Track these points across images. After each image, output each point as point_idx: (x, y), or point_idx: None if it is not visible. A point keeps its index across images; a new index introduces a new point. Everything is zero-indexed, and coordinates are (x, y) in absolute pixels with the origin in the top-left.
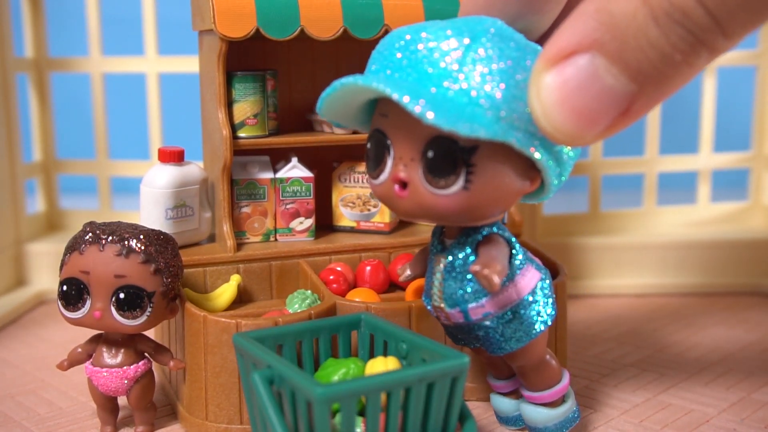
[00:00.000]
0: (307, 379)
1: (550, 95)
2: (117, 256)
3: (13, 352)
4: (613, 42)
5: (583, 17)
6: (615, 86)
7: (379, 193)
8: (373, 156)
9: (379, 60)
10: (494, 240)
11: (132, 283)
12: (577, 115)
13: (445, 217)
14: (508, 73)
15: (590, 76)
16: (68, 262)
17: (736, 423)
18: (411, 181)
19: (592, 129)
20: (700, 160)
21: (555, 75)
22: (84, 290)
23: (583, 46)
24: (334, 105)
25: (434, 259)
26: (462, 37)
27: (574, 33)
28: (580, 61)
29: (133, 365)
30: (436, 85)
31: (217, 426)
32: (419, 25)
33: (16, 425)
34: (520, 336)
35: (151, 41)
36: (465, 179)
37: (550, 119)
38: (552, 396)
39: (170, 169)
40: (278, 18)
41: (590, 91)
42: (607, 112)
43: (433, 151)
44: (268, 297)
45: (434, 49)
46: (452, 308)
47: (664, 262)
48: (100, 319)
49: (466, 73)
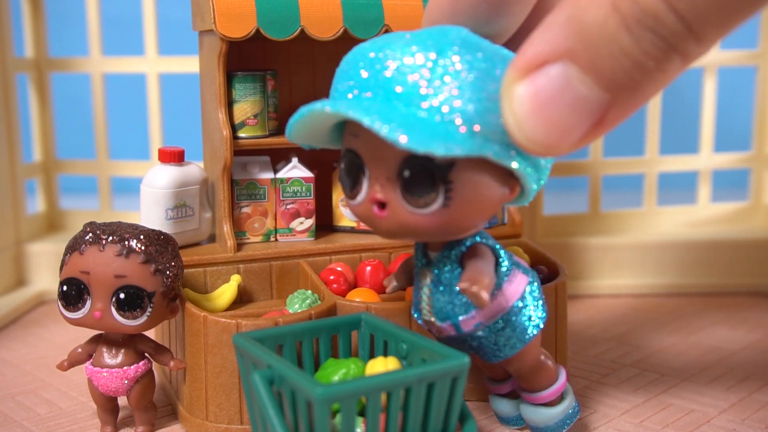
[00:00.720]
0: (307, 379)
1: (523, 106)
2: (117, 256)
3: (13, 352)
4: (586, 51)
5: (554, 26)
6: (588, 96)
7: (358, 213)
8: (348, 177)
9: (343, 79)
10: (479, 251)
11: (132, 284)
12: (551, 126)
13: (427, 235)
14: (478, 85)
15: (563, 86)
16: (68, 263)
17: (736, 423)
18: (389, 201)
19: (566, 139)
20: (701, 160)
21: (527, 86)
22: (84, 290)
23: (554, 56)
24: (304, 129)
25: (420, 273)
26: (428, 52)
27: (545, 42)
28: (552, 71)
29: (133, 365)
30: (405, 104)
31: (218, 426)
32: (382, 41)
33: (16, 425)
34: (513, 343)
35: (151, 41)
36: (444, 196)
37: (524, 131)
38: (550, 395)
39: (170, 170)
40: (278, 18)
41: (563, 102)
42: (582, 122)
43: (409, 171)
44: (268, 297)
45: (400, 67)
46: (443, 322)
47: (665, 262)
48: (100, 319)
49: (435, 88)
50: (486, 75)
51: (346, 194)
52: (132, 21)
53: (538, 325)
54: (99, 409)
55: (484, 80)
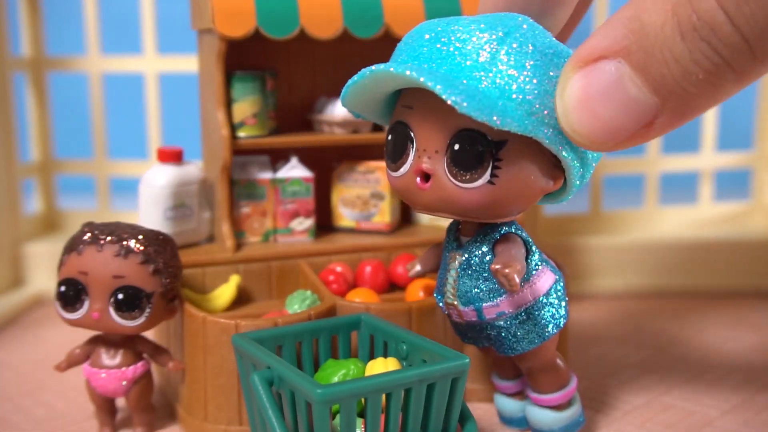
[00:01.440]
0: (306, 380)
1: (573, 96)
2: (116, 256)
3: (10, 353)
4: (640, 52)
5: (616, 22)
6: (638, 97)
7: (398, 185)
8: (394, 148)
9: (408, 51)
10: (512, 239)
11: (131, 284)
12: (597, 120)
13: (466, 212)
14: (540, 68)
15: (614, 83)
16: (66, 263)
17: (739, 425)
18: (434, 173)
19: (612, 137)
20: (702, 159)
21: (580, 77)
22: (82, 291)
23: (611, 52)
24: (358, 94)
25: (449, 256)
26: (495, 31)
27: (604, 37)
28: (606, 67)
29: (131, 366)
30: (468, 77)
31: (216, 427)
32: (450, 19)
33: (13, 427)
34: (532, 338)
35: (149, 40)
36: (491, 173)
37: (570, 120)
38: (559, 399)
39: (169, 169)
40: (278, 17)
41: (612, 98)
42: (628, 122)
43: (459, 144)
44: (267, 297)
45: (467, 41)
46: (466, 306)
47: (666, 262)
48: (99, 319)
49: (498, 66)
50: (549, 61)
51: (389, 166)
52: (130, 20)
53: (559, 324)
54: (97, 410)
55: (547, 65)
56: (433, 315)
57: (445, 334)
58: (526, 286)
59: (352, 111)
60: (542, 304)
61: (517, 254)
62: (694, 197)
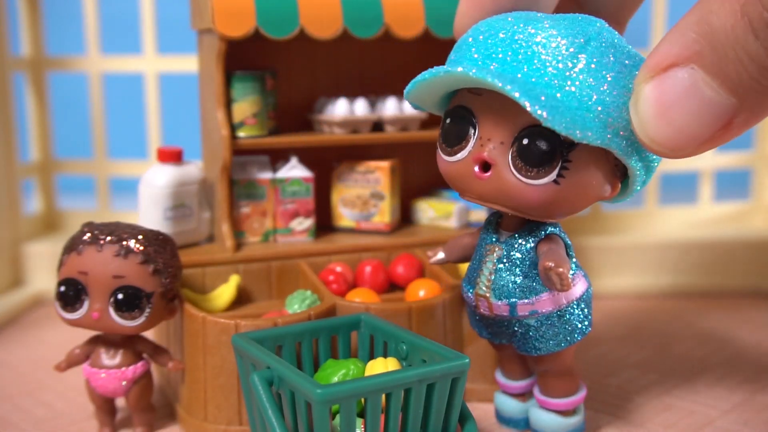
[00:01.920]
0: (306, 380)
1: (648, 107)
2: (115, 256)
3: (10, 353)
4: (713, 55)
5: (683, 29)
6: (715, 99)
7: (450, 170)
8: (453, 132)
9: (480, 48)
10: (555, 240)
11: (131, 284)
12: (675, 128)
13: (523, 208)
14: (620, 80)
15: (689, 90)
16: (66, 263)
17: (739, 425)
18: (496, 164)
19: (691, 142)
20: (702, 159)
21: (653, 87)
22: (82, 291)
23: (682, 59)
24: (424, 89)
25: (486, 248)
26: (576, 38)
27: (673, 44)
28: (679, 74)
29: (131, 366)
30: (546, 84)
31: (216, 427)
32: (525, 17)
33: (14, 427)
34: (559, 340)
35: (149, 40)
36: (558, 173)
37: (647, 131)
38: (567, 405)
39: (169, 169)
40: (278, 17)
41: (689, 105)
42: (707, 125)
43: (529, 139)
44: (267, 297)
45: (545, 46)
46: (499, 300)
47: (666, 262)
48: (98, 319)
49: (578, 76)
50: (628, 72)
51: (443, 149)
52: (130, 20)
53: (584, 331)
54: (97, 410)
55: (626, 77)
56: (433, 315)
57: (445, 334)
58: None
59: (412, 103)
60: (573, 309)
61: (564, 255)
62: (694, 197)
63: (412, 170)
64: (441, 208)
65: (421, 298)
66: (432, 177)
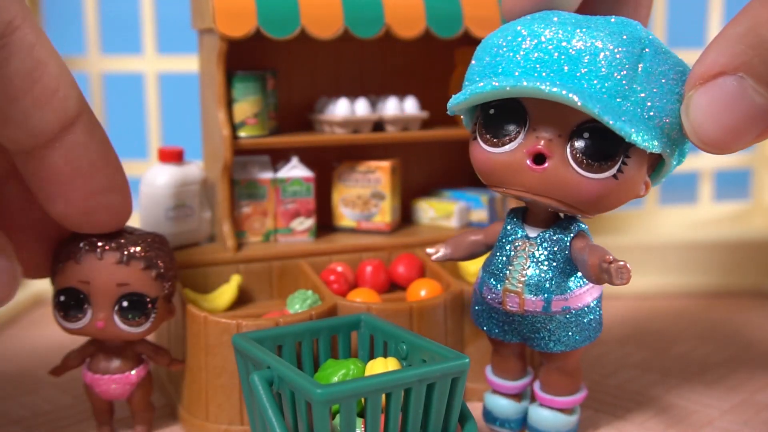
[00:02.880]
0: (306, 380)
1: (698, 113)
2: (118, 264)
3: (11, 352)
4: (762, 65)
5: (732, 38)
6: (763, 104)
7: (496, 161)
8: (499, 123)
9: (527, 56)
10: (586, 237)
11: (135, 291)
12: (726, 131)
13: (576, 201)
14: (674, 87)
15: (738, 95)
16: (63, 272)
17: (739, 425)
18: (553, 157)
19: (741, 141)
20: (702, 159)
21: (702, 94)
22: (84, 300)
23: (731, 68)
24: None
25: (517, 244)
26: (633, 47)
27: (720, 54)
28: (728, 81)
29: (134, 370)
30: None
31: (218, 427)
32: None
33: (16, 425)
34: (584, 336)
35: (149, 40)
36: (618, 168)
37: (700, 135)
38: (568, 403)
39: (170, 169)
40: (278, 17)
41: (739, 109)
42: (756, 125)
43: (590, 133)
44: (268, 297)
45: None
46: (534, 296)
47: (666, 262)
48: (104, 328)
49: (635, 84)
50: (679, 78)
51: (487, 141)
52: (130, 20)
53: (599, 330)
54: (96, 411)
55: (678, 83)
56: (434, 315)
57: (446, 333)
58: (590, 286)
59: (454, 112)
60: (593, 308)
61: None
62: (694, 197)
63: (413, 170)
64: (441, 208)
65: (422, 298)
66: (432, 177)
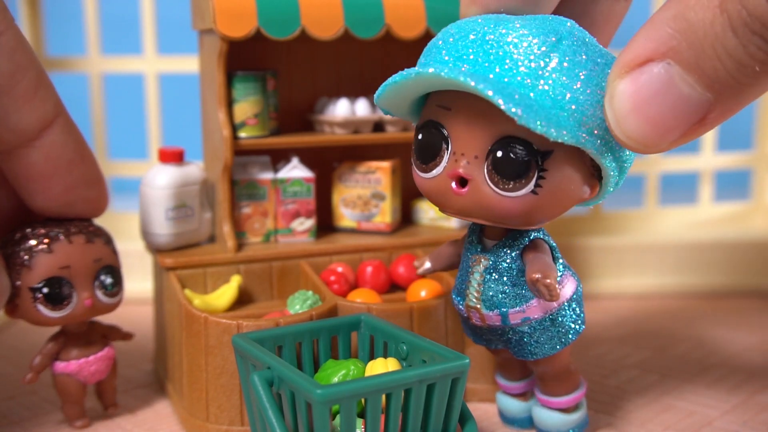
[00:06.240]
0: (306, 380)
1: (624, 103)
2: (87, 243)
3: (11, 351)
4: (690, 50)
5: (658, 24)
6: (691, 95)
7: (428, 187)
8: (426, 149)
9: (450, 50)
10: (540, 246)
11: (107, 263)
12: (651, 124)
13: (503, 219)
14: (593, 78)
15: (665, 85)
16: (37, 266)
17: (739, 425)
18: (473, 179)
19: (666, 137)
20: (702, 160)
21: (628, 82)
22: (68, 285)
23: (658, 54)
24: (393, 93)
25: (472, 259)
26: (547, 37)
27: (649, 40)
28: (655, 69)
29: (106, 347)
30: (518, 84)
31: (218, 427)
32: (495, 19)
33: (15, 425)
34: (554, 343)
35: (149, 40)
36: (535, 183)
37: (623, 127)
38: (568, 402)
39: (170, 170)
40: (279, 17)
41: (665, 100)
42: (683, 120)
43: (502, 151)
44: (268, 298)
45: (517, 46)
46: (490, 310)
47: (666, 262)
48: (92, 306)
49: (551, 74)
50: (601, 71)
51: (417, 166)
52: (130, 20)
53: (578, 330)
54: (69, 404)
55: (599, 75)
56: (434, 315)
57: (446, 334)
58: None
59: (383, 108)
60: (565, 311)
61: (550, 262)
62: (694, 198)
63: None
64: None
65: (423, 298)
66: None
